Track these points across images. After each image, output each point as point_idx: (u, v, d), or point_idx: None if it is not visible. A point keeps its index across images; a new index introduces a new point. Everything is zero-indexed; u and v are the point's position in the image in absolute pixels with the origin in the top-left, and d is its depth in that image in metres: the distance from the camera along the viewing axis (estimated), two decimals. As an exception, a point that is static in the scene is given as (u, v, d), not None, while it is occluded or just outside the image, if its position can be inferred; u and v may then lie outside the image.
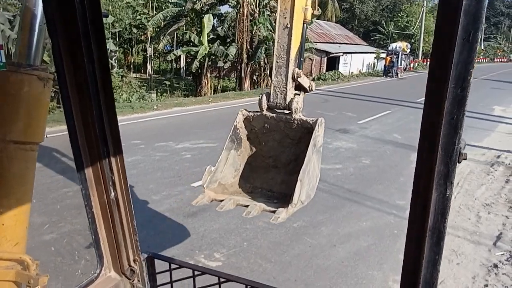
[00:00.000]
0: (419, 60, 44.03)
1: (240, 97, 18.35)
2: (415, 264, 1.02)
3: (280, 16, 2.58)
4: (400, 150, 10.35)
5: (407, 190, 7.86)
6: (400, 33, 45.05)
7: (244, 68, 23.04)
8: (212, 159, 9.26)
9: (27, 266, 1.40)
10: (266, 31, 23.37)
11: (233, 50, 21.71)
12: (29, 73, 1.43)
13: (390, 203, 6.92)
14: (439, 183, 0.93)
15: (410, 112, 16.19)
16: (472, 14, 0.79)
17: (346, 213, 6.47)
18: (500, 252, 5.44)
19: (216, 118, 13.13)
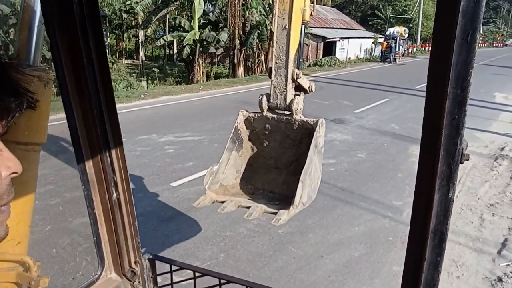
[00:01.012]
0: (417, 45, 43.16)
1: (232, 85, 17.64)
2: (417, 265, 1.01)
3: (279, 17, 2.57)
4: (397, 142, 9.77)
5: (404, 188, 7.32)
6: (398, 17, 44.01)
7: (237, 54, 22.27)
8: (195, 153, 8.62)
9: (28, 267, 1.36)
10: (259, 15, 22.53)
11: (225, 35, 20.90)
12: (29, 74, 1.22)
13: (385, 204, 6.36)
14: (441, 184, 0.92)
15: (408, 100, 15.57)
16: (470, 14, 0.78)
17: (337, 216, 5.90)
18: (505, 263, 4.90)
19: (204, 108, 12.48)
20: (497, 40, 67.71)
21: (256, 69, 24.17)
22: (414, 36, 44.16)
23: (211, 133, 9.56)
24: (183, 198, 6.14)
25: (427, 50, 44.25)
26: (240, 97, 14.87)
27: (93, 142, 1.43)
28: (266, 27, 22.71)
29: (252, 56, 24.13)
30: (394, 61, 31.07)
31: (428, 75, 0.87)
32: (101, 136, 1.42)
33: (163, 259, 1.76)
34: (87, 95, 1.35)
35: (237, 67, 22.49)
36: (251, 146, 2.94)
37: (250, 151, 2.94)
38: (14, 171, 0.74)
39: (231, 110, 12.22)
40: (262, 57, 24.14)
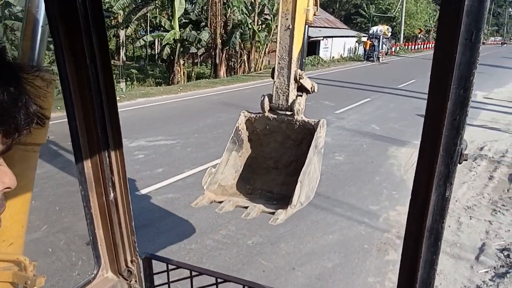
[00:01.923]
0: (400, 44, 43.37)
1: (212, 86, 17.31)
2: (412, 264, 1.01)
3: (282, 18, 2.56)
4: (377, 143, 9.59)
5: (381, 192, 7.11)
6: (381, 16, 44.15)
7: (219, 54, 21.93)
8: (166, 159, 8.26)
9: (24, 267, 1.34)
10: (241, 14, 22.23)
11: (206, 35, 20.54)
12: (32, 74, 1.20)
13: (362, 209, 6.14)
14: (439, 184, 0.92)
15: (390, 100, 15.47)
16: (475, 14, 0.78)
17: (311, 223, 5.66)
18: (484, 270, 4.72)
19: (181, 110, 12.14)
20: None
21: (239, 69, 23.88)
22: (397, 35, 44.37)
23: (186, 136, 9.24)
24: (147, 208, 5.82)
25: (410, 49, 44.56)
26: (220, 98, 14.56)
27: (93, 142, 1.43)
28: (248, 26, 22.44)
29: (234, 56, 23.82)
30: (378, 60, 31.09)
31: (431, 75, 0.86)
32: (101, 136, 1.41)
33: (160, 258, 1.78)
34: (89, 95, 1.35)
35: (219, 67, 22.15)
36: (252, 146, 2.93)
37: (250, 152, 2.93)
38: (8, 186, 0.76)
39: (209, 112, 11.93)
40: (244, 56, 23.86)
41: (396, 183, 7.22)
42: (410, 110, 13.45)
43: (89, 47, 1.29)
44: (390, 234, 5.46)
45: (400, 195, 6.72)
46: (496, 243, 5.26)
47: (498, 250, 5.09)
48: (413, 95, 16.47)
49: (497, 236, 5.43)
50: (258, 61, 24.67)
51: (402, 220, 5.82)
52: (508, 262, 4.84)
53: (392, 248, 5.12)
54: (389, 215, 5.98)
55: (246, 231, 5.35)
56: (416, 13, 46.32)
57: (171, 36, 18.97)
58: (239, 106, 12.84)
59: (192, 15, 21.52)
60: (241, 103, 13.27)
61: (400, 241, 5.30)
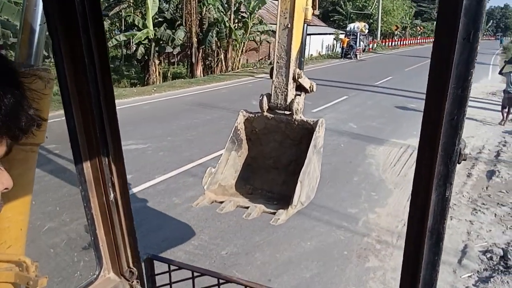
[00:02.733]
0: (378, 41, 43.73)
1: (188, 86, 16.88)
2: (414, 265, 1.01)
3: (281, 16, 2.53)
4: (355, 143, 9.42)
5: (360, 193, 6.90)
6: (358, 13, 44.42)
7: (195, 53, 21.46)
8: (136, 165, 7.83)
9: (27, 267, 1.33)
10: (217, 12, 21.82)
11: (181, 34, 20.03)
12: (30, 73, 1.15)
13: (340, 213, 5.91)
14: (439, 184, 0.92)
15: (368, 97, 15.39)
16: (473, 13, 0.79)
17: (287, 229, 5.39)
18: (467, 274, 4.55)
19: (154, 112, 11.70)
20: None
21: (216, 68, 23.46)
22: (374, 32, 44.72)
23: (158, 140, 8.85)
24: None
25: (387, 46, 45.01)
26: (195, 98, 14.17)
27: (92, 143, 1.42)
28: (225, 24, 22.05)
29: (211, 55, 23.39)
30: (355, 57, 31.18)
31: (429, 75, 0.86)
32: (100, 136, 1.40)
33: (162, 259, 1.77)
34: (87, 95, 1.34)
35: (195, 66, 21.69)
36: (251, 146, 2.90)
37: (250, 151, 2.90)
38: (6, 187, 0.79)
39: (183, 113, 11.55)
40: (221, 55, 23.46)
41: (375, 183, 7.04)
42: (387, 107, 13.39)
43: (87, 46, 1.28)
44: (370, 238, 5.24)
45: (379, 196, 6.53)
46: (478, 244, 5.12)
47: (480, 252, 4.94)
48: (390, 91, 16.47)
49: (478, 237, 5.29)
50: (235, 60, 24.30)
51: (382, 223, 5.62)
52: (491, 265, 4.69)
53: (372, 254, 4.90)
54: (369, 218, 5.77)
55: (220, 241, 5.05)
56: (393, 10, 46.82)
57: (143, 35, 18.39)
58: (214, 106, 12.51)
59: (167, 13, 20.98)
60: (216, 104, 12.94)
61: (380, 245, 5.10)
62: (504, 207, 6.12)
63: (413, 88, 17.14)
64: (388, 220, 5.73)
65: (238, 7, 23.44)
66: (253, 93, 15.54)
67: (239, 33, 23.29)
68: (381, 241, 5.17)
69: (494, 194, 6.58)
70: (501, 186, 6.95)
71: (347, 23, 37.09)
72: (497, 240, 5.21)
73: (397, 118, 11.96)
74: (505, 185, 7.00)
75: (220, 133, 9.55)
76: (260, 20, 25.47)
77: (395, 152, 8.77)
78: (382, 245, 5.09)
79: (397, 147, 9.07)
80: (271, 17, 31.33)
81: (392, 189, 6.80)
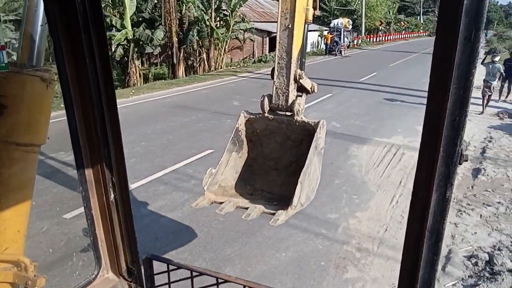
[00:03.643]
0: (362, 37, 43.63)
1: (168, 87, 16.40)
2: (413, 264, 1.01)
3: (281, 17, 2.59)
4: (337, 143, 9.10)
5: (341, 197, 6.57)
6: (342, 9, 44.26)
7: (176, 53, 20.98)
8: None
9: (25, 267, 1.37)
10: (197, 10, 21.36)
11: (161, 33, 19.54)
12: (32, 74, 1.40)
13: (319, 218, 5.58)
14: (439, 185, 0.92)
15: (352, 94, 15.11)
16: (473, 13, 0.78)
17: (262, 239, 5.04)
18: (451, 282, 4.25)
19: (129, 116, 11.20)
20: (437, 29, 70.15)
21: (199, 68, 22.99)
22: (359, 28, 44.62)
23: (131, 146, 8.42)
24: (75, 235, 5.03)
25: (372, 41, 44.94)
26: (175, 100, 13.73)
27: (93, 143, 1.42)
28: (206, 23, 21.61)
29: (193, 55, 22.91)
30: (340, 54, 30.94)
31: (430, 75, 0.87)
32: (101, 137, 1.40)
33: (160, 259, 1.76)
34: (89, 95, 1.35)
35: (177, 67, 21.20)
36: (252, 147, 2.91)
37: (250, 152, 2.90)
38: None
39: (160, 116, 11.10)
40: (204, 55, 23.00)
41: (356, 185, 6.72)
42: (371, 105, 13.13)
43: (88, 46, 1.27)
44: (350, 246, 4.92)
45: (360, 199, 6.22)
46: (463, 249, 4.82)
47: (465, 257, 4.65)
48: (375, 88, 16.23)
49: (463, 240, 5.01)
50: (218, 59, 23.86)
51: (363, 229, 5.30)
52: (477, 271, 4.40)
53: (351, 264, 4.57)
54: (349, 224, 5.45)
55: (188, 255, 4.67)
56: (376, 6, 46.76)
57: (122, 36, 17.85)
58: (193, 108, 12.10)
59: (145, 13, 20.44)
60: (195, 105, 12.53)
61: (360, 254, 4.78)
62: (490, 207, 5.86)
63: (398, 84, 16.96)
64: (369, 225, 5.42)
65: (219, 5, 23.00)
66: (235, 93, 15.17)
67: (221, 32, 22.85)
68: (361, 249, 4.85)
69: (480, 194, 6.31)
70: (486, 185, 6.69)
71: (331, 20, 36.86)
72: (482, 243, 4.93)
73: (382, 116, 11.69)
74: (491, 184, 6.74)
75: (196, 136, 9.17)
76: (243, 18, 25.06)
77: (378, 151, 8.48)
78: (362, 253, 4.77)
79: (381, 146, 8.79)
80: (254, 15, 30.96)
81: (374, 192, 6.49)
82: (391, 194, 6.38)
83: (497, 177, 7.04)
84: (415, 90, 15.63)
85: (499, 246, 4.77)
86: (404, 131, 10.08)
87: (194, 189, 6.49)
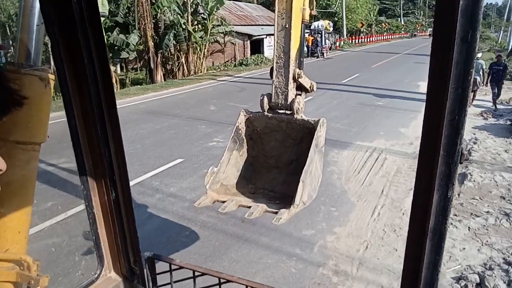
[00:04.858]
0: (344, 38, 43.55)
1: (143, 92, 15.71)
2: (416, 265, 1.01)
3: (278, 17, 2.64)
4: (316, 148, 8.59)
5: (318, 209, 5.97)
6: (322, 11, 44.08)
7: (153, 57, 20.28)
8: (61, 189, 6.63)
9: (28, 266, 1.36)
10: (173, 14, 20.73)
11: (135, 38, 18.85)
12: (30, 73, 1.40)
13: (293, 236, 5.04)
14: (441, 184, 0.92)
15: (333, 96, 14.68)
16: (470, 14, 0.80)
17: (228, 263, 4.46)
18: (440, 310, 3.74)
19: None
20: (418, 30, 70.91)
21: (178, 73, 22.33)
22: (340, 29, 44.52)
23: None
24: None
25: (354, 43, 44.91)
26: (149, 106, 13.07)
27: (93, 142, 1.43)
28: (182, 27, 20.99)
29: (171, 59, 22.25)
30: (322, 56, 30.65)
31: (429, 75, 0.87)
32: (101, 135, 1.41)
33: (163, 259, 1.76)
34: (88, 94, 1.36)
35: (154, 71, 20.48)
36: (252, 145, 2.93)
37: (251, 151, 2.92)
38: (0, 168, 0.80)
39: (131, 123, 10.44)
40: (182, 59, 22.35)
41: (336, 196, 6.20)
42: (353, 107, 12.70)
43: (86, 46, 1.28)
44: (326, 269, 4.38)
45: (340, 211, 5.70)
46: (451, 268, 4.33)
47: (453, 279, 4.15)
48: (357, 89, 15.85)
49: (451, 258, 4.51)
50: (197, 63, 23.23)
51: (341, 247, 4.77)
52: (467, 295, 3.91)
53: (327, 290, 4.04)
54: (326, 242, 4.91)
55: (142, 286, 4.06)
56: (357, 8, 46.77)
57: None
58: (167, 114, 11.48)
59: (118, 17, 19.71)
60: (169, 111, 11.91)
61: (337, 277, 4.24)
62: (478, 217, 5.40)
63: (380, 85, 16.61)
64: (348, 242, 4.89)
65: (195, 8, 22.40)
66: (213, 97, 14.59)
67: (199, 35, 22.25)
68: (339, 272, 4.31)
69: (467, 202, 5.86)
70: (474, 192, 6.25)
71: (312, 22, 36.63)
72: (472, 261, 4.45)
73: (363, 118, 11.26)
74: (479, 191, 6.30)
75: (166, 144, 8.56)
76: (221, 21, 24.52)
77: (360, 156, 8.00)
78: (340, 276, 4.23)
79: (363, 151, 8.31)
80: (234, 18, 30.46)
81: (354, 202, 5.98)
82: (373, 205, 5.88)
83: (485, 183, 6.62)
84: (398, 91, 15.31)
85: (490, 264, 4.29)
86: (386, 133, 9.65)
87: (158, 204, 5.90)
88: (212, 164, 7.54)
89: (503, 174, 6.96)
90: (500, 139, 9.25)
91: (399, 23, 67.07)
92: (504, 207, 5.76)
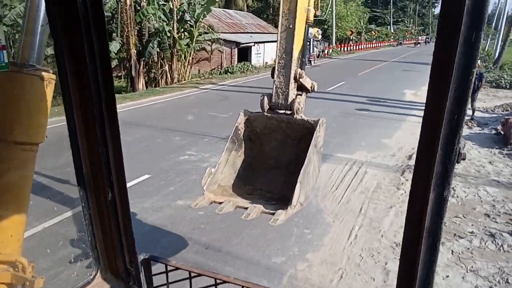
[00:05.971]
0: (333, 46, 43.48)
1: (120, 102, 15.08)
2: (411, 264, 1.02)
3: (282, 17, 2.65)
4: (295, 161, 8.17)
5: (291, 231, 5.19)
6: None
7: (135, 65, 19.78)
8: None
9: (23, 268, 1.37)
10: (158, 22, 20.30)
11: (117, 45, 18.37)
12: (32, 73, 1.42)
13: (261, 265, 4.57)
14: (437, 184, 0.92)
15: (317, 105, 14.26)
16: (475, 14, 0.78)
17: (185, 299, 3.99)
18: None
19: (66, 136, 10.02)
20: (407, 38, 71.26)
21: (161, 81, 21.84)
22: (330, 37, 44.45)
23: (55, 172, 7.21)
24: None
25: (343, 51, 44.86)
26: (123, 116, 12.52)
27: (92, 143, 1.42)
28: (167, 34, 20.55)
29: (155, 67, 21.76)
30: (310, 63, 30.37)
31: (430, 74, 0.87)
32: (99, 136, 1.40)
33: (159, 260, 1.76)
34: (88, 95, 1.35)
35: (136, 79, 19.94)
36: (251, 146, 2.92)
37: (250, 151, 2.91)
38: None
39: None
40: (166, 67, 21.88)
41: (310, 215, 5.76)
42: (336, 116, 12.33)
43: (89, 47, 1.28)
44: (294, 304, 3.92)
45: (314, 234, 5.25)
46: (431, 301, 3.90)
47: (434, 314, 3.72)
48: (341, 98, 15.53)
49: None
50: (181, 71, 22.76)
51: (313, 277, 4.32)
52: (448, 335, 3.48)
53: (293, 330, 3.58)
54: (297, 271, 4.45)
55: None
56: (347, 16, 46.83)
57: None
58: (141, 125, 10.97)
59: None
60: (143, 121, 11.41)
61: (305, 314, 3.78)
62: (462, 239, 4.99)
63: (365, 93, 16.31)
64: (321, 271, 4.44)
65: (182, 16, 22.00)
66: (193, 106, 14.13)
67: (185, 43, 21.82)
68: (308, 307, 3.86)
69: (450, 222, 5.46)
70: (457, 209, 5.85)
71: (301, 29, 36.44)
72: (456, 292, 4.03)
73: (345, 128, 10.88)
74: (462, 208, 5.92)
75: (134, 158, 8.04)
76: (208, 29, 24.14)
77: (338, 170, 7.58)
78: (309, 313, 3.78)
79: (342, 164, 7.90)
80: (222, 26, 30.13)
81: (330, 223, 5.55)
82: (350, 225, 5.45)
83: (468, 199, 6.24)
84: (383, 99, 15.02)
85: (476, 296, 3.88)
86: (368, 145, 9.27)
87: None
88: (180, 181, 7.11)
89: (487, 189, 6.60)
90: (484, 150, 8.93)
91: (389, 31, 67.40)
92: (489, 226, 5.37)
